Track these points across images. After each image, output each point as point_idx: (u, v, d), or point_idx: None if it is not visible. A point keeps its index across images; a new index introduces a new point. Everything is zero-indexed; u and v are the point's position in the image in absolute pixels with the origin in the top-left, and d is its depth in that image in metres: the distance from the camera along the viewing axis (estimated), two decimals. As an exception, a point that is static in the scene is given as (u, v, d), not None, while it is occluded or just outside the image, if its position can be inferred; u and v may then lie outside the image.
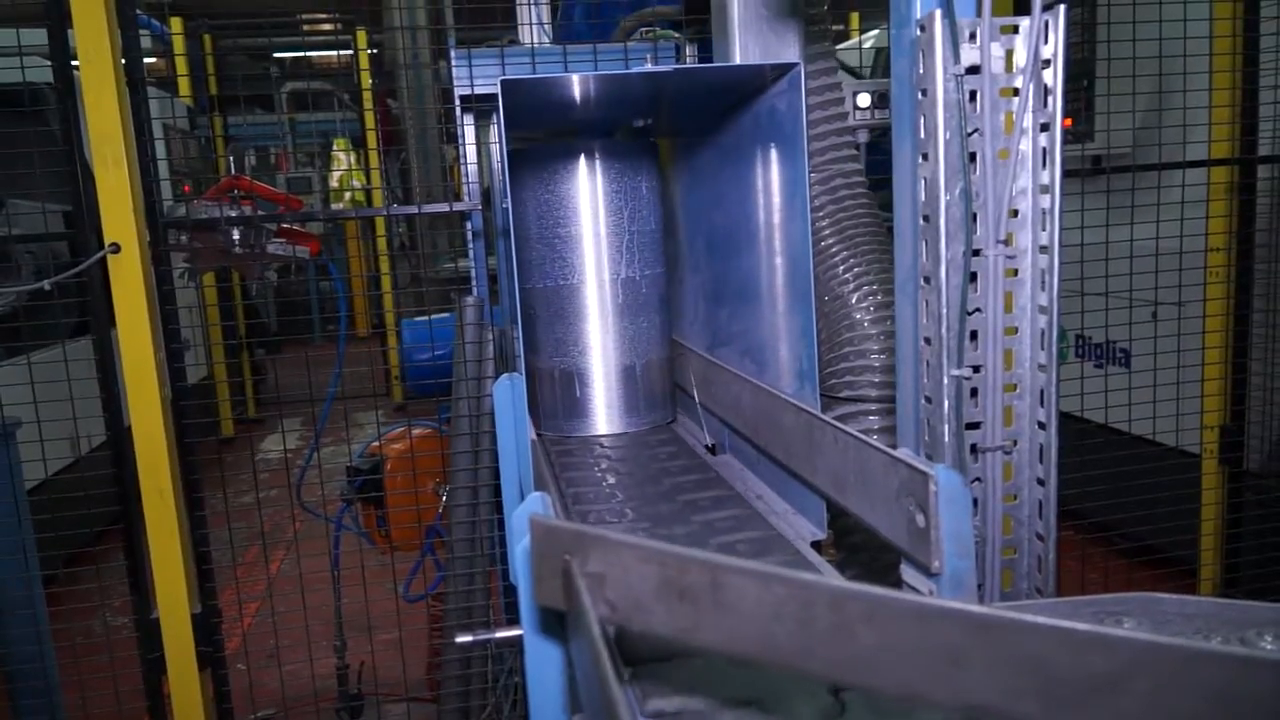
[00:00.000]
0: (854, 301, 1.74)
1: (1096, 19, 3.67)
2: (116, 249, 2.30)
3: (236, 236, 2.49)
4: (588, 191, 1.85)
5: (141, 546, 2.48)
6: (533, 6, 2.61)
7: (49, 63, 2.41)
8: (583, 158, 1.85)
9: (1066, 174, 3.52)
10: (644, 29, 2.63)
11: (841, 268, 1.77)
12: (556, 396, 1.92)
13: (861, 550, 1.79)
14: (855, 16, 7.60)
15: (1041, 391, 1.13)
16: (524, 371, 1.82)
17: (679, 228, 2.00)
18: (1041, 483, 1.14)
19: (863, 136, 2.16)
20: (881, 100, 2.20)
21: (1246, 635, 0.86)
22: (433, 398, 2.94)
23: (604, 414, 1.91)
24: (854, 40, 6.79)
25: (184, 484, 2.47)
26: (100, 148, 2.29)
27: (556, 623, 0.92)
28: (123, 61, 2.33)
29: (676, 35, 2.55)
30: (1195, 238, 3.17)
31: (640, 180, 1.88)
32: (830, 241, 1.79)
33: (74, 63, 2.38)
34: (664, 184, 2.00)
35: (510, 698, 2.55)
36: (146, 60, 2.61)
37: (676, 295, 2.06)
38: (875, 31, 6.69)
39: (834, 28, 2.03)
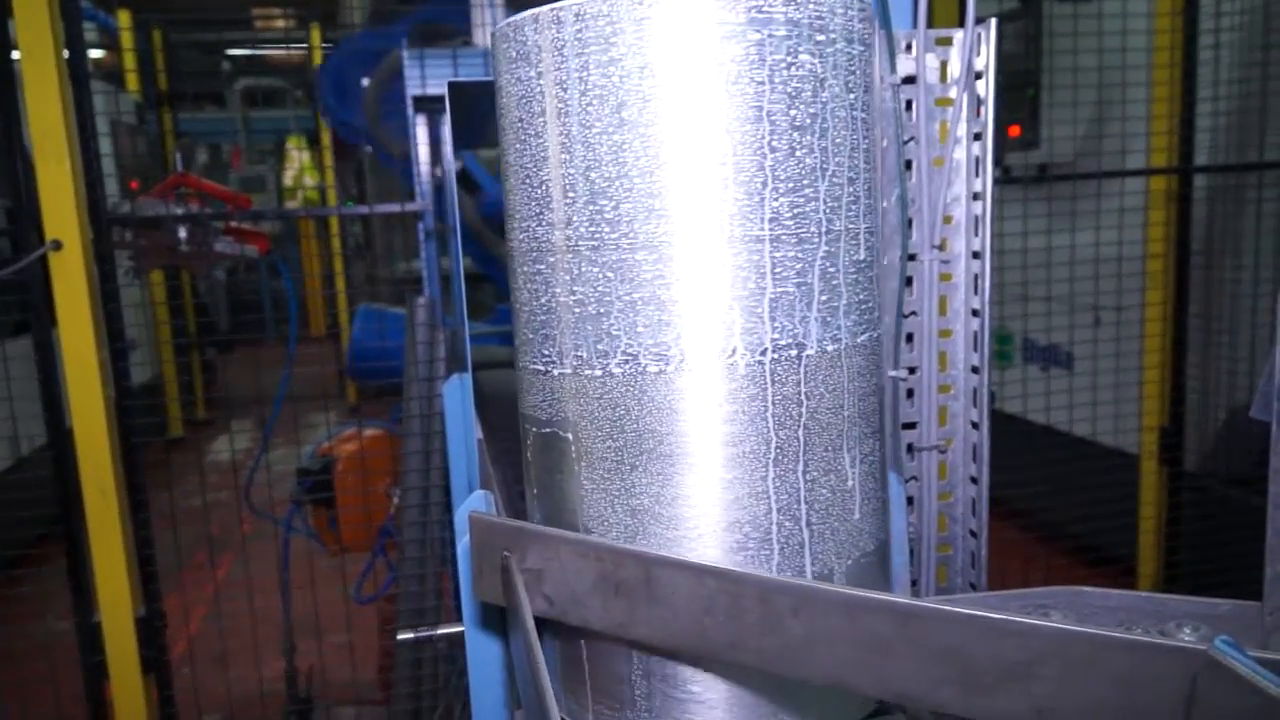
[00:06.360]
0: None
1: (1042, 30, 3.77)
2: (58, 246, 2.27)
3: (183, 234, 2.46)
4: (725, 127, 0.68)
5: (84, 549, 2.44)
6: (487, 8, 2.61)
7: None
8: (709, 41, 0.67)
9: (1012, 181, 3.62)
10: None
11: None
12: (623, 672, 0.78)
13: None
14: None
15: (974, 392, 1.16)
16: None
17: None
18: (975, 481, 1.17)
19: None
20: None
21: (1166, 627, 0.89)
22: (382, 394, 2.93)
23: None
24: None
25: (128, 485, 2.44)
26: (42, 142, 2.25)
27: (498, 618, 0.93)
28: (65, 54, 2.29)
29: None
30: (1134, 244, 3.26)
31: (856, 94, 0.73)
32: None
33: (14, 53, 2.34)
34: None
35: (461, 699, 2.55)
36: (93, 53, 2.57)
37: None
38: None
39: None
